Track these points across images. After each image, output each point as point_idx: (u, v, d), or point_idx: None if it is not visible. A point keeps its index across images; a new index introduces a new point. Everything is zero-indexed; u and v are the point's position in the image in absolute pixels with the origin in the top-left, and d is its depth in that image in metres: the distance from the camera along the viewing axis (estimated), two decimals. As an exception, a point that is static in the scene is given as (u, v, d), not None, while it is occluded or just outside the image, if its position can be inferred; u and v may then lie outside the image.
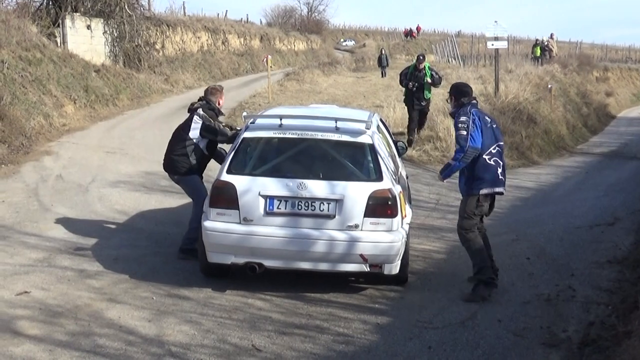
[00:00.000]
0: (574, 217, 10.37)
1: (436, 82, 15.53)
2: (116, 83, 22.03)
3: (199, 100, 8.05)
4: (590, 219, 10.07)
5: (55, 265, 7.44)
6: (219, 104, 8.07)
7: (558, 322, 6.06)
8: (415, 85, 15.29)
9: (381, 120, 8.54)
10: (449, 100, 7.25)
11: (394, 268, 6.59)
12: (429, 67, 15.52)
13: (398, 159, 8.12)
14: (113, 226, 9.14)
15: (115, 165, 13.19)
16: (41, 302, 6.33)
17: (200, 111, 7.81)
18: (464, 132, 6.71)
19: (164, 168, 8.07)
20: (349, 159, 6.84)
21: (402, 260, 6.68)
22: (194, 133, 7.73)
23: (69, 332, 5.73)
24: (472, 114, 6.81)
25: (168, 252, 7.94)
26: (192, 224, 7.56)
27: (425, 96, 15.54)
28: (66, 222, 9.14)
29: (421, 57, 15.63)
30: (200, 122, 7.74)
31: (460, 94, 7.05)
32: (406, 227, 6.82)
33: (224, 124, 8.05)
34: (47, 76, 17.96)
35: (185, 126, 7.86)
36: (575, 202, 12.04)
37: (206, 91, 8.16)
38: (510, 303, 6.60)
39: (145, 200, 10.55)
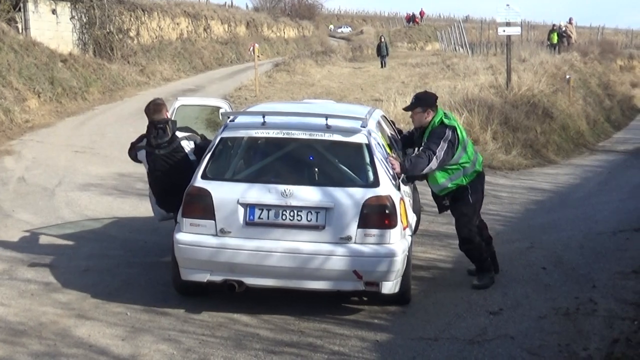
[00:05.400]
0: (595, 222, 10.39)
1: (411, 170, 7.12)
2: (85, 74, 22.02)
3: (154, 127, 7.22)
4: (613, 224, 10.09)
5: (17, 277, 7.41)
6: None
7: (578, 339, 6.07)
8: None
9: (385, 117, 8.39)
10: None
11: (393, 286, 6.40)
12: (441, 116, 7.33)
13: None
14: (82, 234, 9.12)
15: (84, 166, 13.18)
16: (1, 319, 6.31)
17: (181, 135, 7.30)
18: None
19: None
20: (342, 162, 6.68)
21: (403, 277, 6.50)
22: (192, 157, 7.23)
23: (33, 352, 5.71)
24: None
25: (144, 262, 7.94)
26: None
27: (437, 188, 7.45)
28: (29, 230, 9.12)
29: (413, 102, 7.49)
30: (192, 143, 7.29)
31: None
32: (408, 239, 6.67)
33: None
34: (7, 66, 17.93)
35: (182, 158, 7.24)
36: (597, 206, 12.08)
37: (155, 110, 7.32)
38: (524, 318, 6.61)
39: (118, 205, 10.55)
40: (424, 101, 7.42)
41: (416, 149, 7.59)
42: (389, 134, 7.88)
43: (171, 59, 31.33)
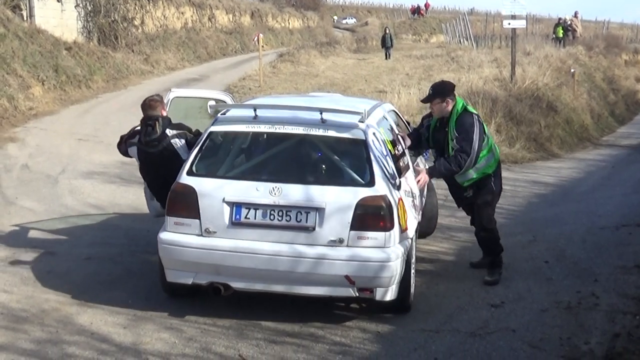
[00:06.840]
0: (598, 217, 10.38)
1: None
2: (90, 62, 22.00)
3: (145, 124, 7.12)
4: (616, 218, 10.08)
5: (20, 265, 7.43)
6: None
7: (579, 332, 6.07)
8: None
9: (395, 112, 8.09)
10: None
11: (388, 293, 6.03)
12: (462, 102, 7.31)
13: (409, 159, 7.47)
14: (85, 222, 9.13)
15: (88, 154, 13.18)
16: (3, 306, 6.32)
17: (171, 133, 7.05)
18: None
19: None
20: (336, 159, 6.36)
21: (401, 283, 6.14)
22: (184, 155, 6.94)
23: (35, 339, 5.73)
24: None
25: (146, 251, 7.92)
26: None
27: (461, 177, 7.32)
28: (32, 217, 9.12)
29: (431, 93, 7.35)
30: (183, 141, 7.04)
31: None
32: (407, 243, 6.26)
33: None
34: (11, 54, 17.92)
35: (173, 156, 7.00)
36: (600, 200, 12.06)
37: (150, 106, 7.19)
38: (526, 311, 6.61)
39: (121, 194, 10.55)
40: (442, 91, 7.25)
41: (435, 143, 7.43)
42: (397, 131, 7.54)
43: (175, 48, 31.30)
